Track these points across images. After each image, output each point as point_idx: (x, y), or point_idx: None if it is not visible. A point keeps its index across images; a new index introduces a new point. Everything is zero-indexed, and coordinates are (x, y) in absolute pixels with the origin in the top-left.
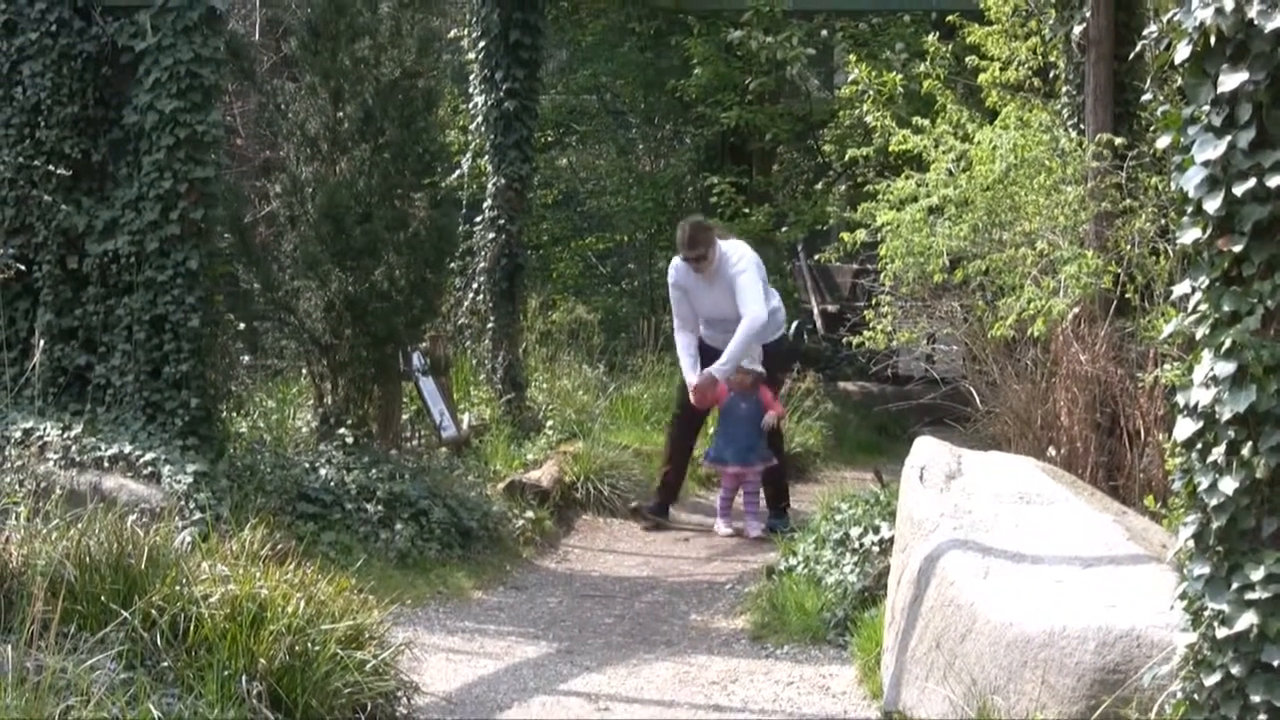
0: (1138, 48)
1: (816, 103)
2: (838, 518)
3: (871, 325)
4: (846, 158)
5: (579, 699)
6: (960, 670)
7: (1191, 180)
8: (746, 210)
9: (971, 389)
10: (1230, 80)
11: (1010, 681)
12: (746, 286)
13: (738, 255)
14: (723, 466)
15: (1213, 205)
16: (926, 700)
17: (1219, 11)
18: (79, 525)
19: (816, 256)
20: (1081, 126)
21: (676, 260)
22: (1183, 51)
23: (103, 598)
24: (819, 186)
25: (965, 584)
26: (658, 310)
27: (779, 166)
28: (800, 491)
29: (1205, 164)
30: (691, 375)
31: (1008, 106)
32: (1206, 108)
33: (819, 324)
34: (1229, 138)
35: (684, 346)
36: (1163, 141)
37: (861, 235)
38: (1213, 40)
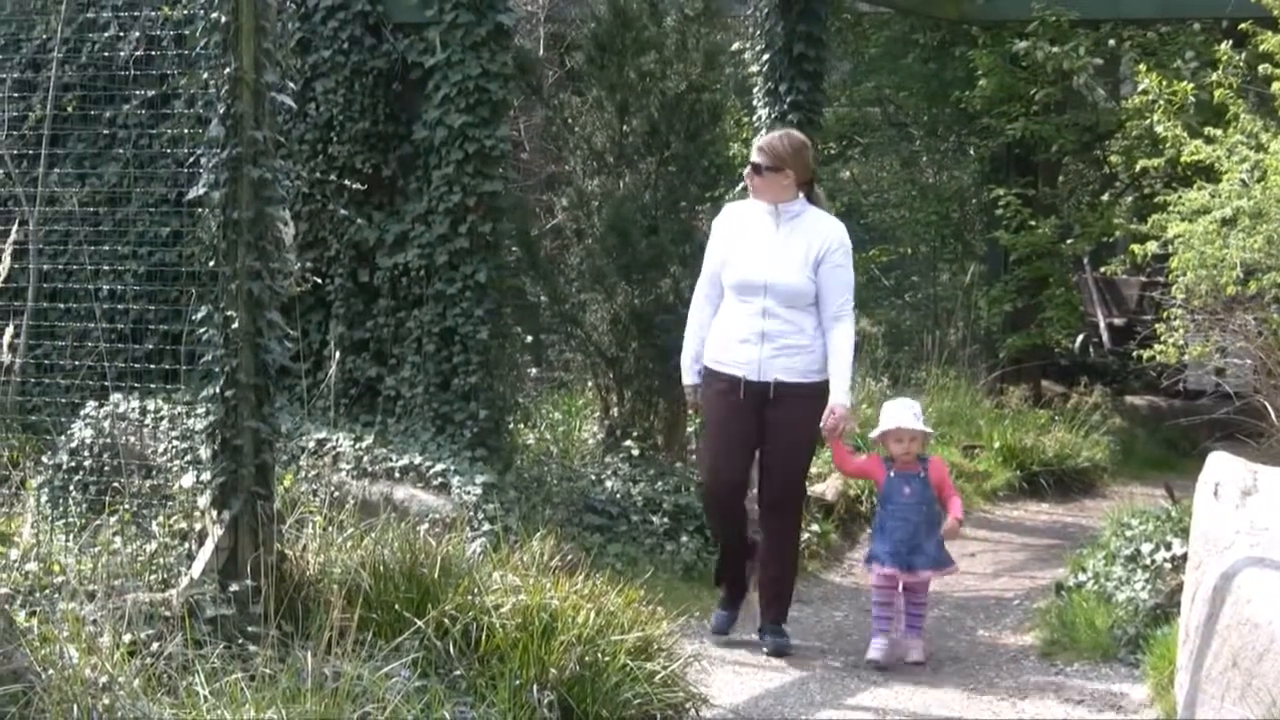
0: None
1: (1103, 113)
2: (1128, 534)
3: (1162, 339)
4: (1137, 168)
5: (866, 713)
6: (1259, 690)
7: None
8: (1033, 222)
9: (1266, 404)
10: None
11: None
12: (850, 283)
13: (845, 236)
14: (879, 568)
15: None
16: None
17: None
18: (372, 535)
19: (1102, 269)
20: None
21: (732, 205)
22: None
23: (397, 606)
24: (1105, 198)
25: (1262, 602)
26: (941, 324)
27: (1064, 178)
28: (1087, 507)
29: None
30: (690, 375)
31: None
32: None
33: (1105, 337)
34: None
35: (695, 327)
36: None
37: (1152, 247)
38: None
